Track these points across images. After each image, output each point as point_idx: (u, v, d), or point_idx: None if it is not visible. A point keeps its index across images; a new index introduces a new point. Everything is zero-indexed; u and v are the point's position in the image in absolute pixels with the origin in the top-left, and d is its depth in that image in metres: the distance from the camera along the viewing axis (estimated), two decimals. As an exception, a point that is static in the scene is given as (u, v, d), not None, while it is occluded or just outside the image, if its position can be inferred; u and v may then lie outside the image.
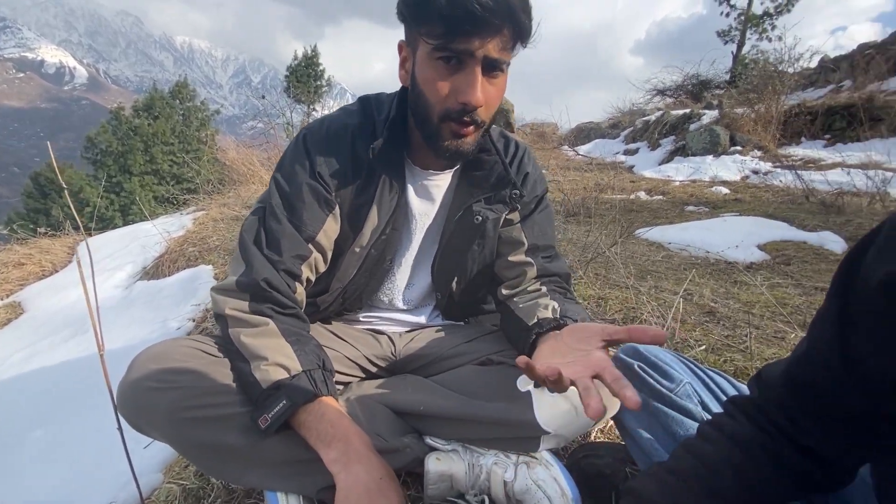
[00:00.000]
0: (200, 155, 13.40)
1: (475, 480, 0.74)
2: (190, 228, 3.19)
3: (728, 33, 11.97)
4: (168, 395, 0.66)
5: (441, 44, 0.64)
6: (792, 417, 0.51)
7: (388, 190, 0.78)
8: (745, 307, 1.58)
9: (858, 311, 0.44)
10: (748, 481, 0.52)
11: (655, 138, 6.78)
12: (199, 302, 1.93)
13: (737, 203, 3.70)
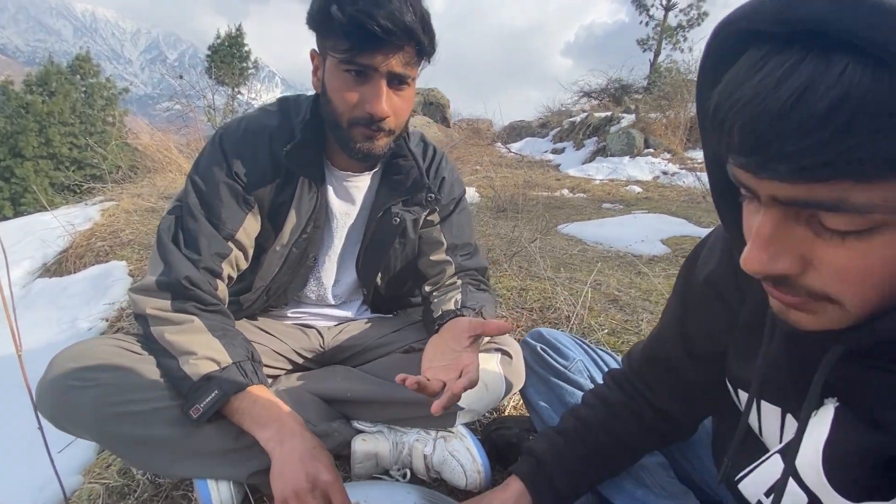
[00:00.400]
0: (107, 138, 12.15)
1: (398, 457, 0.82)
2: (98, 221, 2.93)
3: (646, 42, 12.98)
4: (91, 393, 0.66)
5: (346, 58, 0.68)
6: (649, 385, 0.65)
7: (306, 190, 0.81)
8: (643, 295, 1.80)
9: (691, 303, 0.57)
10: (616, 437, 0.65)
11: (580, 139, 7.24)
12: (112, 300, 1.81)
13: (647, 201, 4.09)
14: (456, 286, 0.90)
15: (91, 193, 4.03)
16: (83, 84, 19.71)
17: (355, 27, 0.65)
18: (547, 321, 1.56)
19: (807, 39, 0.28)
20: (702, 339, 0.58)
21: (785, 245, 0.33)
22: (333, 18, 0.65)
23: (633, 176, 5.40)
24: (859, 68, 0.26)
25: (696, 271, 0.57)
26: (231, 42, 17.18)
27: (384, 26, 0.64)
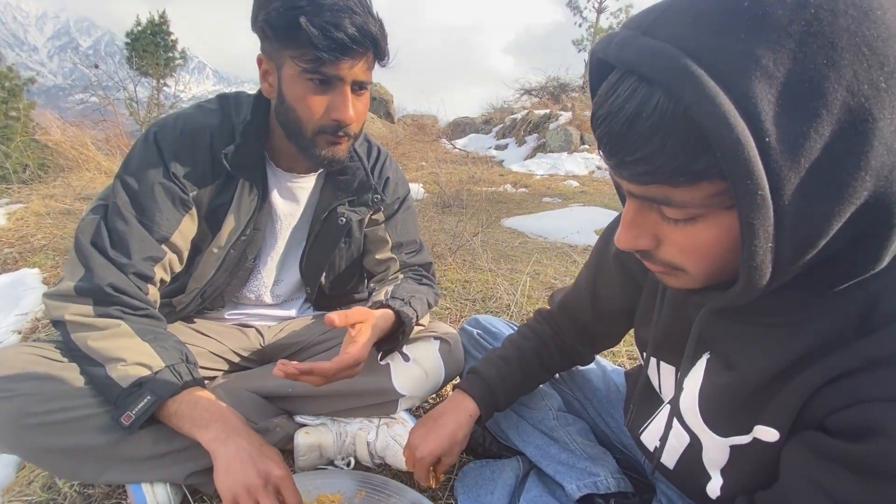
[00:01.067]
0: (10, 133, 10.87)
1: (342, 446, 0.84)
2: (4, 225, 2.65)
3: (581, 42, 13.59)
4: (10, 404, 0.63)
5: (312, 67, 0.68)
6: (563, 327, 0.79)
7: (247, 192, 0.80)
8: (578, 282, 1.92)
9: (603, 272, 0.67)
10: (543, 363, 0.80)
11: (522, 135, 7.47)
12: (25, 311, 1.66)
13: (583, 195, 4.31)
14: (396, 280, 0.93)
15: (-7, 195, 3.62)
16: (-23, 72, 17.51)
17: (325, 38, 0.65)
18: (489, 310, 1.63)
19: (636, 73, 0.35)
20: (607, 302, 0.71)
21: (643, 227, 0.42)
22: (301, 29, 0.65)
23: (570, 171, 5.67)
24: (666, 101, 0.33)
25: (609, 247, 0.66)
26: (154, 30, 15.94)
27: (352, 36, 0.66)
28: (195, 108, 0.81)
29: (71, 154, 4.12)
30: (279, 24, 0.67)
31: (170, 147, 0.76)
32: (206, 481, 0.72)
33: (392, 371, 0.84)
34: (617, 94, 0.36)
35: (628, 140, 0.35)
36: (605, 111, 0.37)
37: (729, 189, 0.34)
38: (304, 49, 0.67)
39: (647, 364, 0.63)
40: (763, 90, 0.31)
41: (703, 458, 0.54)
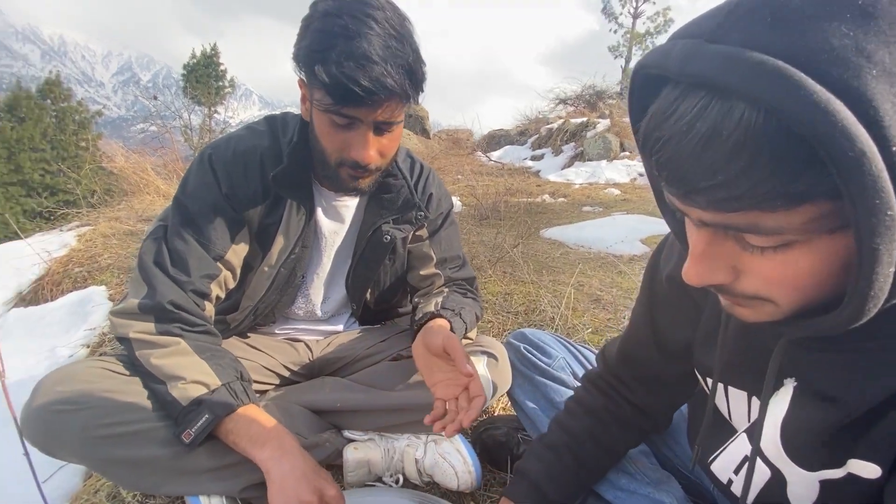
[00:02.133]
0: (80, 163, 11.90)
1: (390, 463, 0.83)
2: (74, 246, 2.87)
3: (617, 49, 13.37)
4: (80, 416, 0.66)
5: (331, 108, 0.68)
6: (625, 382, 0.69)
7: (295, 211, 0.81)
8: (625, 294, 1.85)
9: (658, 300, 0.61)
10: (602, 444, 0.68)
11: (558, 145, 7.37)
12: (92, 326, 1.78)
13: (625, 203, 4.18)
14: (442, 293, 0.92)
15: (65, 219, 3.94)
16: (54, 109, 19.28)
17: (336, 88, 0.65)
18: (532, 323, 1.59)
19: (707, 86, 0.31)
20: (671, 333, 0.61)
21: (717, 259, 0.37)
22: (316, 74, 0.65)
23: (611, 179, 5.52)
24: (754, 114, 0.29)
25: (659, 270, 0.61)
26: (206, 61, 17.07)
27: (367, 89, 0.65)
28: (246, 129, 0.84)
29: (133, 179, 4.44)
30: (303, 62, 0.69)
31: (223, 168, 0.78)
32: (259, 495, 0.73)
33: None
34: (680, 112, 0.31)
35: (703, 163, 0.31)
36: (667, 133, 0.32)
37: (839, 210, 0.30)
38: (322, 94, 0.68)
39: (713, 391, 0.57)
40: (883, 91, 0.26)
41: (788, 492, 0.49)
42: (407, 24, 0.70)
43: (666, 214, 0.47)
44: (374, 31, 0.65)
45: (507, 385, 0.87)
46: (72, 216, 3.89)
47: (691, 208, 0.35)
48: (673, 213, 0.46)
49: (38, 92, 19.31)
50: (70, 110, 19.77)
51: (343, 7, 0.66)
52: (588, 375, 0.74)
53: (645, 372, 0.66)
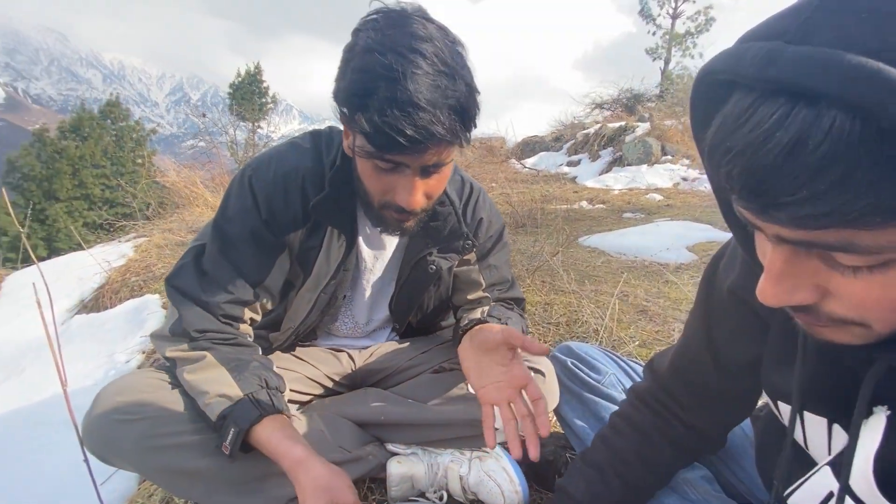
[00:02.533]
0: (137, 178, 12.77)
1: (434, 479, 0.81)
2: (131, 256, 3.05)
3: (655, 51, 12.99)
4: (136, 427, 0.68)
5: (372, 154, 0.63)
6: (677, 398, 0.64)
7: (336, 237, 0.78)
8: (673, 304, 1.76)
9: (716, 313, 0.57)
10: (651, 464, 0.64)
11: (595, 150, 7.21)
12: (147, 333, 1.87)
13: (669, 209, 4.02)
14: (487, 305, 0.90)
15: (123, 231, 4.20)
16: (114, 128, 20.82)
17: (379, 136, 0.59)
18: (574, 335, 1.53)
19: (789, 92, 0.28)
20: (730, 348, 0.57)
21: (799, 278, 0.33)
22: (358, 122, 0.60)
23: (652, 184, 5.34)
24: (848, 121, 0.26)
25: (718, 281, 0.57)
26: (250, 79, 17.94)
27: (413, 139, 0.59)
28: (289, 146, 0.79)
29: (184, 192, 4.68)
30: (343, 105, 0.63)
31: (263, 192, 0.74)
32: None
33: (483, 401, 0.80)
34: (756, 120, 0.28)
35: (785, 176, 0.28)
36: (740, 143, 0.29)
37: None
38: (364, 141, 0.62)
39: (793, 419, 0.51)
40: None
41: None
42: (459, 51, 0.64)
43: (734, 228, 0.44)
44: (422, 70, 0.58)
45: (555, 402, 0.84)
46: (129, 228, 4.15)
47: (769, 224, 0.31)
48: (743, 226, 0.42)
49: (99, 113, 20.91)
50: (128, 129, 21.29)
51: (386, 41, 0.59)
52: (635, 389, 0.70)
53: (699, 388, 0.61)
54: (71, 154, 18.69)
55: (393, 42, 0.59)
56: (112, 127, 20.88)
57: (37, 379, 1.77)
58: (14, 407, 1.59)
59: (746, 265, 0.53)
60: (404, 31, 0.60)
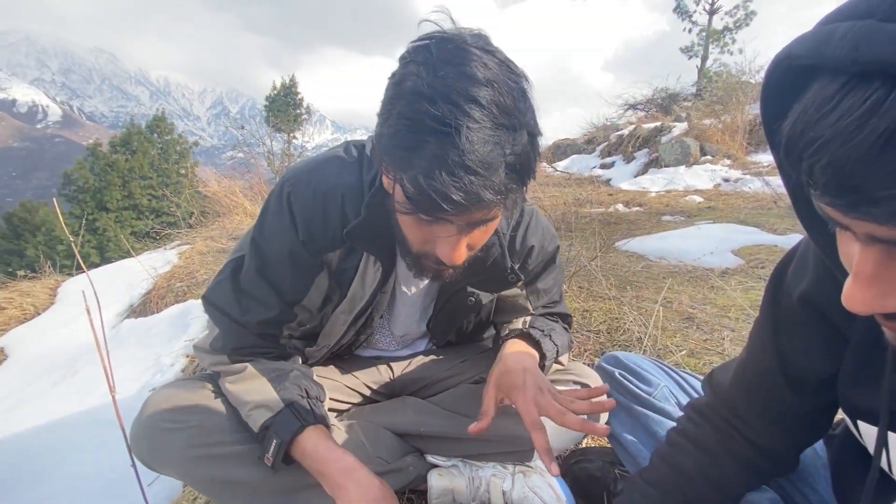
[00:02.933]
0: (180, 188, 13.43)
1: (476, 492, 0.78)
2: (176, 263, 3.18)
3: (691, 48, 12.57)
4: (181, 435, 0.69)
5: (413, 211, 0.56)
6: (742, 416, 0.59)
7: (372, 262, 0.73)
8: (721, 311, 1.67)
9: (785, 324, 0.52)
10: (717, 483, 0.59)
11: (630, 151, 7.02)
12: (191, 338, 1.93)
13: (710, 211, 3.85)
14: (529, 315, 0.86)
15: (168, 239, 4.40)
16: (160, 141, 22.00)
17: (423, 202, 0.53)
18: (616, 344, 1.47)
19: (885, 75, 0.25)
20: (802, 362, 0.52)
21: (893, 282, 0.30)
22: (399, 181, 0.54)
23: (691, 185, 5.13)
24: None
25: (787, 288, 0.52)
26: (286, 91, 18.55)
27: (459, 206, 0.51)
28: (330, 159, 0.73)
29: (224, 201, 4.86)
30: (384, 155, 0.56)
31: (301, 212, 0.70)
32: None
33: (527, 414, 0.77)
34: (845, 107, 0.26)
35: (882, 168, 0.25)
36: (827, 133, 0.27)
37: None
38: (405, 200, 0.55)
39: (880, 442, 0.46)
40: None
41: None
42: (523, 90, 0.55)
43: (812, 228, 0.40)
44: (476, 122, 0.50)
45: (604, 418, 0.80)
46: (174, 236, 4.34)
47: (860, 222, 0.28)
48: (822, 226, 0.38)
49: (147, 127, 22.13)
50: (172, 142, 22.43)
51: (438, 85, 0.50)
52: (694, 405, 0.65)
53: (767, 406, 0.56)
54: (121, 167, 19.86)
55: (446, 87, 0.50)
56: (158, 140, 22.08)
57: (90, 380, 1.86)
58: (69, 407, 1.67)
59: (820, 270, 0.48)
60: (460, 71, 0.51)
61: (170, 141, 22.32)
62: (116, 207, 19.45)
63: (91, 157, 20.22)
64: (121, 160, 20.07)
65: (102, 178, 19.61)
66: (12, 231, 18.26)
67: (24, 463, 1.39)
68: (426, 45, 0.53)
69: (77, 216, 18.04)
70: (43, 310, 3.21)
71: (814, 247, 0.51)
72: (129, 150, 20.86)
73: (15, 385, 2.16)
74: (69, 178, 19.77)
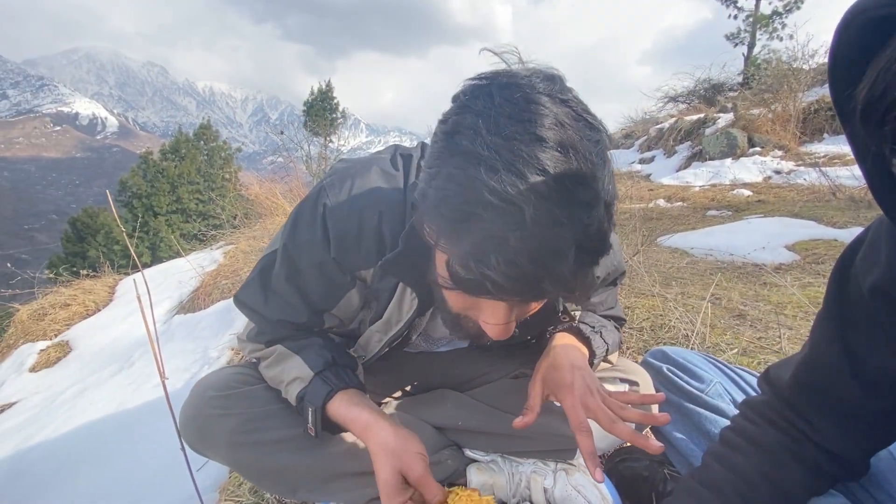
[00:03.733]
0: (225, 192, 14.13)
1: (516, 489, 0.77)
2: (222, 262, 3.32)
3: (737, 36, 11.95)
4: (227, 422, 0.70)
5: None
6: (807, 418, 0.54)
7: (409, 291, 0.67)
8: (776, 309, 1.56)
9: (854, 317, 0.47)
10: (781, 487, 0.54)
11: (671, 145, 6.75)
12: (236, 332, 2.01)
13: (760, 205, 3.64)
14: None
15: (215, 240, 4.61)
16: (206, 148, 23.13)
17: (472, 287, 0.46)
18: (661, 341, 1.41)
19: None
20: (874, 359, 0.47)
21: None
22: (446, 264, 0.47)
23: (738, 178, 4.87)
24: None
25: (855, 279, 0.47)
26: (322, 97, 19.03)
27: (514, 297, 0.46)
28: (373, 171, 0.66)
29: (266, 203, 5.04)
30: (428, 219, 0.47)
31: (335, 227, 0.65)
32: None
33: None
34: None
35: None
36: None
37: None
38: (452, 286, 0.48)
39: None
40: None
41: None
42: (601, 150, 0.44)
43: (893, 208, 0.36)
44: (544, 199, 0.40)
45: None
46: (219, 237, 4.54)
47: None
48: None
49: (194, 135, 23.29)
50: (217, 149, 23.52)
51: (500, 148, 0.41)
52: (750, 403, 0.60)
53: (832, 405, 0.52)
54: (170, 173, 21.02)
55: (510, 151, 0.41)
56: (204, 147, 23.22)
57: (145, 371, 1.96)
58: (126, 395, 1.77)
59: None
60: (528, 130, 0.41)
61: (215, 148, 23.41)
62: (166, 211, 20.60)
63: (143, 165, 21.51)
64: (170, 167, 21.25)
65: (153, 185, 20.82)
66: (76, 235, 19.69)
67: (87, 446, 1.48)
68: (487, 88, 0.44)
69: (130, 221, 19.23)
70: (103, 306, 3.43)
71: (889, 232, 0.46)
72: (177, 156, 22.04)
73: (78, 375, 2.32)
74: (124, 185, 21.10)
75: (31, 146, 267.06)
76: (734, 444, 0.58)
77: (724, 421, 0.69)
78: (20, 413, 2.06)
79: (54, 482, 1.32)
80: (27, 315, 3.38)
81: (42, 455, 1.49)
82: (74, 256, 17.55)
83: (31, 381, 2.53)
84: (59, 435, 1.62)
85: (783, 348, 1.24)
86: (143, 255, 17.20)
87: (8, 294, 3.60)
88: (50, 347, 2.87)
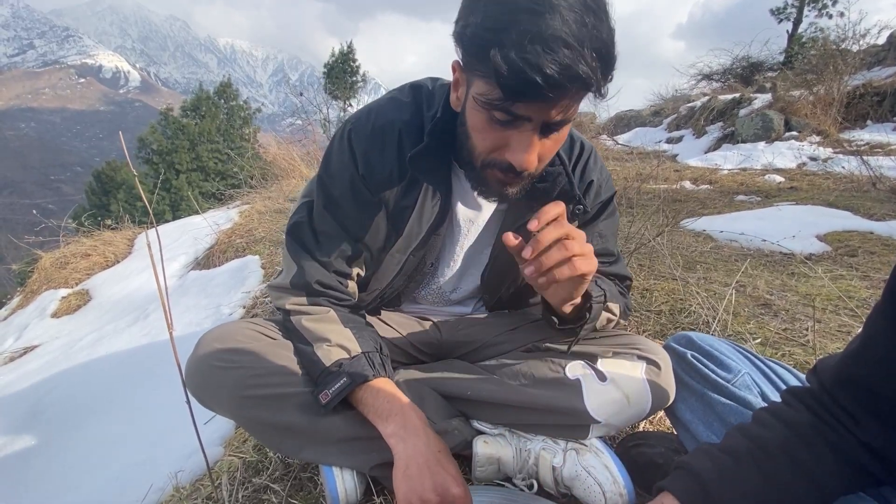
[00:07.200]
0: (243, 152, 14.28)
1: (523, 465, 0.75)
2: (237, 221, 3.33)
3: (783, 11, 11.24)
4: (232, 375, 0.70)
5: (496, 104, 0.56)
6: (852, 413, 0.50)
7: (430, 197, 0.74)
8: (804, 300, 1.49)
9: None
10: (806, 469, 0.51)
11: (701, 125, 6.48)
12: (248, 290, 2.02)
13: (793, 192, 3.48)
14: None
15: (231, 199, 4.62)
16: (226, 107, 23.05)
17: (513, 77, 0.52)
18: (680, 326, 1.36)
19: None
20: None
21: None
22: (490, 62, 0.53)
23: (771, 163, 4.66)
24: None
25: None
26: (343, 59, 18.65)
27: (553, 80, 0.51)
28: (389, 100, 0.76)
29: (283, 165, 5.02)
30: (471, 44, 0.56)
31: (360, 146, 0.73)
32: (388, 475, 0.71)
33: (584, 390, 0.71)
34: None
35: None
36: None
37: None
38: (490, 85, 0.55)
39: None
40: None
41: None
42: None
43: None
44: (567, 3, 0.51)
45: (669, 400, 0.73)
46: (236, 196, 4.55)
47: None
48: None
49: (214, 93, 23.18)
50: (237, 108, 23.43)
51: None
52: (793, 390, 0.56)
53: (882, 402, 0.47)
54: (191, 131, 21.09)
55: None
56: (224, 106, 23.13)
57: (159, 324, 2.00)
58: (139, 346, 1.81)
59: None
60: None
61: (235, 107, 23.32)
62: (186, 169, 20.78)
63: (163, 122, 21.58)
64: (190, 124, 21.29)
65: (174, 142, 20.93)
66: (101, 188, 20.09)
67: (101, 392, 1.52)
68: None
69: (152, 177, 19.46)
70: (122, 258, 3.49)
71: None
72: (198, 114, 22.04)
73: (97, 324, 2.38)
74: (144, 143, 21.26)
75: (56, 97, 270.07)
76: (763, 420, 0.55)
77: (750, 413, 0.65)
78: (41, 356, 2.13)
79: (68, 425, 1.36)
80: (50, 262, 3.47)
81: (59, 398, 1.54)
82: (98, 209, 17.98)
83: (53, 326, 2.61)
84: (76, 380, 1.67)
85: (810, 341, 1.19)
86: (165, 213, 17.49)
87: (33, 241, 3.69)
88: (71, 295, 2.94)
